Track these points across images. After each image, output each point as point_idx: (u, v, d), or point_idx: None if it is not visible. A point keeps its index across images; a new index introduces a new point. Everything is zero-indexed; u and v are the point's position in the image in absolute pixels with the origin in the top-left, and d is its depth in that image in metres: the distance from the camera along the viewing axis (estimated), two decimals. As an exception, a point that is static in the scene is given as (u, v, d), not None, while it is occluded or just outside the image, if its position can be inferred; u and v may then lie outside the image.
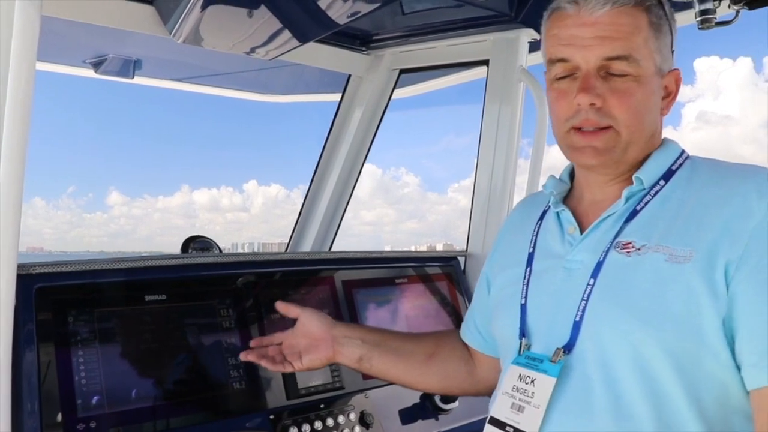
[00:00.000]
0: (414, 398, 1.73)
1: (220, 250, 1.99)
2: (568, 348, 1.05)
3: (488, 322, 1.33)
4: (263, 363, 1.37)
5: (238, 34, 1.85)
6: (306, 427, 1.54)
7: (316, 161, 2.53)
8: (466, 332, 1.43)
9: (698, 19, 1.64)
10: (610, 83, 1.07)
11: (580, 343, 1.05)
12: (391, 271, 1.98)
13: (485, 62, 2.18)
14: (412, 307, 1.96)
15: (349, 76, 2.40)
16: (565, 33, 1.09)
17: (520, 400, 1.08)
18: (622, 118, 1.07)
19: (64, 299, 1.35)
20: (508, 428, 1.07)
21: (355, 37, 2.26)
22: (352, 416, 1.63)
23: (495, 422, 1.11)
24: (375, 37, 2.27)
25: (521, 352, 1.13)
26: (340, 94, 2.48)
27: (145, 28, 1.80)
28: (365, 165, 2.55)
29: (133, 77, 2.40)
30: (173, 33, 1.79)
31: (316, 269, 1.83)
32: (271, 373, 1.55)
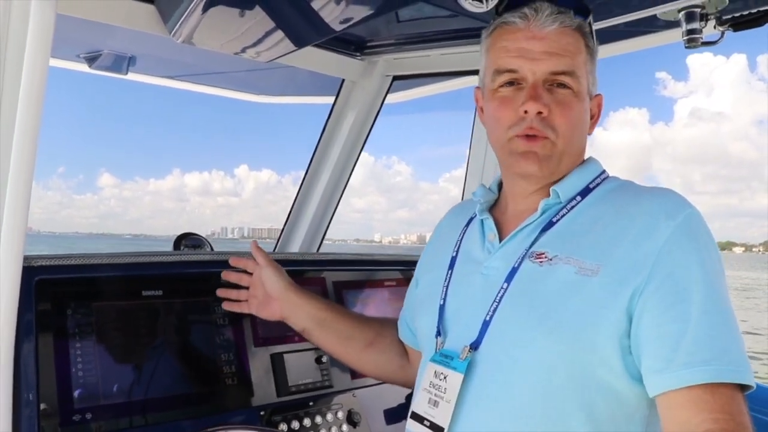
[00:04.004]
0: (400, 398, 1.77)
1: (212, 248, 2.01)
2: (475, 346, 1.11)
3: (415, 320, 1.40)
4: (233, 296, 1.56)
5: (237, 36, 1.88)
6: (295, 424, 1.58)
7: (309, 160, 2.56)
8: (401, 329, 1.50)
9: (685, 38, 1.70)
10: (554, 95, 1.14)
11: (486, 341, 1.11)
12: (379, 273, 2.02)
13: (476, 72, 2.23)
14: (400, 308, 1.99)
15: (343, 80, 2.43)
16: (515, 45, 1.15)
17: (435, 395, 1.14)
18: (561, 129, 1.13)
19: (63, 292, 1.37)
20: (425, 422, 1.13)
21: (350, 43, 2.29)
22: (340, 414, 1.67)
23: (415, 416, 1.17)
24: (370, 44, 2.29)
25: (437, 350, 1.19)
26: (333, 97, 2.51)
27: (145, 26, 1.81)
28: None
29: (126, 73, 2.41)
30: (173, 33, 1.81)
31: (307, 270, 1.87)
32: (263, 370, 1.59)
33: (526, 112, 1.13)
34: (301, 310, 1.49)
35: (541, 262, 1.10)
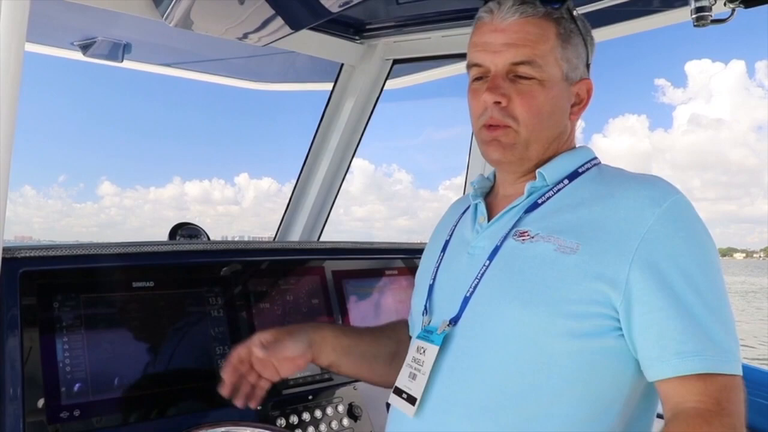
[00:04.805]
0: (402, 390, 1.72)
1: (208, 238, 1.96)
2: (454, 321, 1.15)
3: None
4: (238, 402, 1.29)
5: (231, 19, 1.83)
6: (294, 418, 1.53)
7: (307, 150, 2.51)
8: (411, 326, 1.45)
9: (693, 16, 1.64)
10: (516, 85, 1.16)
11: (465, 316, 1.14)
12: (380, 262, 1.97)
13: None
14: (401, 299, 1.95)
15: (342, 65, 2.38)
16: (480, 40, 1.20)
17: (414, 369, 1.17)
18: (522, 117, 1.16)
19: (49, 284, 1.33)
20: (403, 395, 1.17)
21: (348, 26, 2.24)
22: (341, 408, 1.63)
23: (396, 391, 1.20)
24: (368, 26, 2.24)
25: (422, 327, 1.22)
26: (332, 84, 2.46)
27: (137, 10, 1.77)
28: (357, 161, 2.54)
29: (122, 61, 2.37)
30: (165, 16, 1.76)
31: (306, 258, 1.82)
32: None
33: (485, 102, 1.17)
34: (327, 345, 1.39)
35: (523, 240, 1.13)
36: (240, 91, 2.83)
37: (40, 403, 1.24)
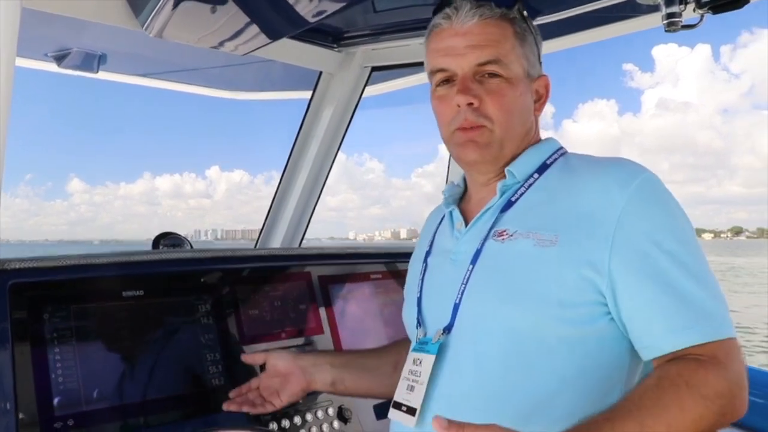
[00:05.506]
0: (390, 393, 1.74)
1: (191, 246, 1.96)
2: (448, 329, 1.16)
3: None
4: (245, 409, 1.43)
5: (210, 29, 1.83)
6: (285, 422, 1.54)
7: (287, 156, 2.52)
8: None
9: (665, 22, 1.69)
10: (485, 85, 1.18)
11: (457, 323, 1.15)
12: (366, 267, 1.99)
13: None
14: (388, 302, 1.97)
15: (320, 73, 2.39)
16: (442, 45, 1.22)
17: (412, 381, 1.18)
18: (496, 116, 1.18)
19: (39, 295, 1.32)
20: (402, 408, 1.17)
21: (326, 34, 2.25)
22: (331, 411, 1.64)
23: (395, 405, 1.21)
24: (346, 34, 2.26)
25: (417, 340, 1.23)
26: (310, 92, 2.47)
27: (116, 20, 1.76)
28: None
29: (97, 72, 2.35)
30: (145, 26, 1.76)
31: (292, 264, 1.83)
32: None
33: (459, 105, 1.18)
34: (322, 364, 1.46)
35: (503, 239, 1.15)
36: (213, 101, 2.82)
37: (33, 415, 1.23)
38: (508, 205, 1.19)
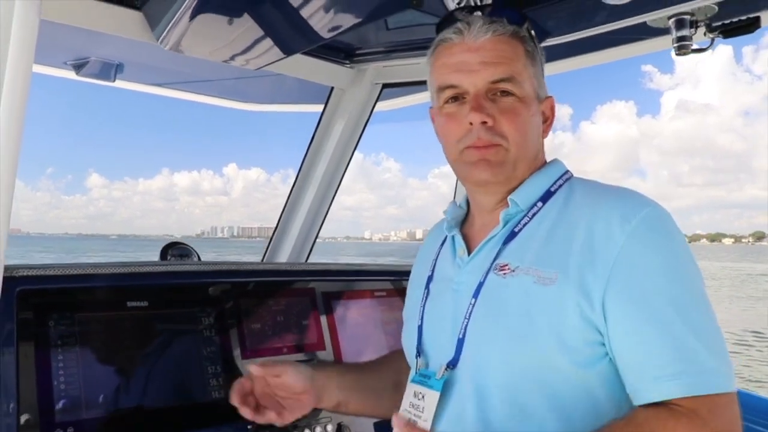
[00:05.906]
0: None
1: (199, 257, 1.98)
2: (452, 364, 1.12)
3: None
4: (244, 412, 1.32)
5: (225, 43, 1.86)
6: (283, 438, 1.54)
7: (299, 165, 2.53)
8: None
9: (675, 45, 1.69)
10: (498, 104, 1.14)
11: (463, 358, 1.11)
12: (370, 284, 1.99)
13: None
14: (390, 319, 1.97)
15: (332, 88, 2.41)
16: (453, 60, 1.16)
17: (414, 415, 1.13)
18: (511, 135, 1.13)
19: (45, 303, 1.34)
20: None
21: (339, 50, 2.27)
22: (330, 428, 1.64)
23: None
24: (359, 51, 2.28)
25: (417, 371, 1.20)
26: (322, 106, 2.49)
27: (132, 33, 1.79)
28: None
29: (114, 80, 2.39)
30: (161, 40, 1.79)
31: (296, 280, 1.84)
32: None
33: (471, 123, 1.13)
34: (332, 386, 1.40)
35: (504, 274, 1.11)
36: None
37: (35, 419, 1.24)
38: (512, 236, 1.14)
